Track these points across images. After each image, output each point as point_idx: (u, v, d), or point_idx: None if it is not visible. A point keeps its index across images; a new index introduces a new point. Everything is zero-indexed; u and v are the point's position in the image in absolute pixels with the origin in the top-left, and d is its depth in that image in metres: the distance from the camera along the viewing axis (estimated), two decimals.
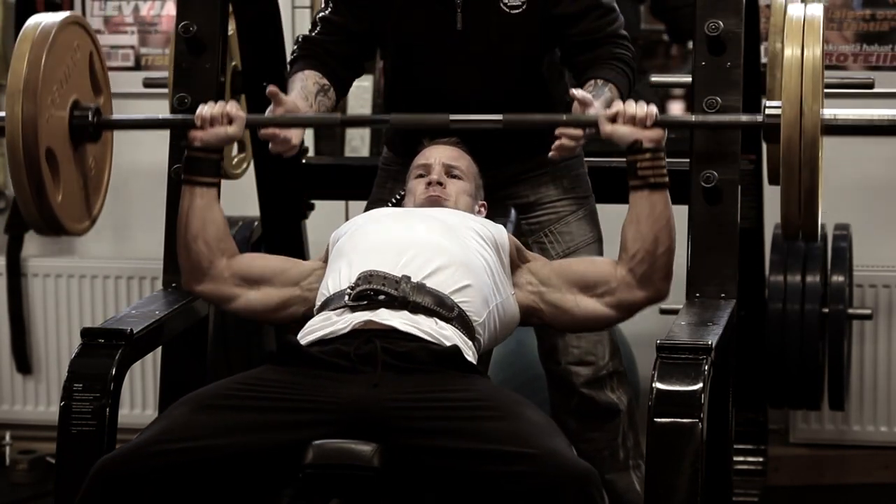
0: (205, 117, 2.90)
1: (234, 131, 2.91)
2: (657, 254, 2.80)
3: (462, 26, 3.07)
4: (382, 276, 2.69)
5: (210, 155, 2.92)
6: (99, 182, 3.02)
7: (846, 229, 4.08)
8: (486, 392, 2.56)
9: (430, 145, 3.08)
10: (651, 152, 2.80)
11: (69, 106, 2.90)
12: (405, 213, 2.95)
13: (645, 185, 2.81)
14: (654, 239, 2.80)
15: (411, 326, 2.63)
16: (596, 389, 3.29)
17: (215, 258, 2.92)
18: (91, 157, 2.98)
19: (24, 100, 2.76)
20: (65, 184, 2.86)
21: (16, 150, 2.76)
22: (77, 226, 2.93)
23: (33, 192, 2.80)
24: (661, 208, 2.81)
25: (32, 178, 2.78)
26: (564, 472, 2.39)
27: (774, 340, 3.95)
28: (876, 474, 4.41)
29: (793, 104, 2.63)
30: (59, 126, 2.85)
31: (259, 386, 2.55)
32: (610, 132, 2.81)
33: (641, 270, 2.81)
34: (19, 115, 2.76)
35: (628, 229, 2.83)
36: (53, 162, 2.83)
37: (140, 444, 2.47)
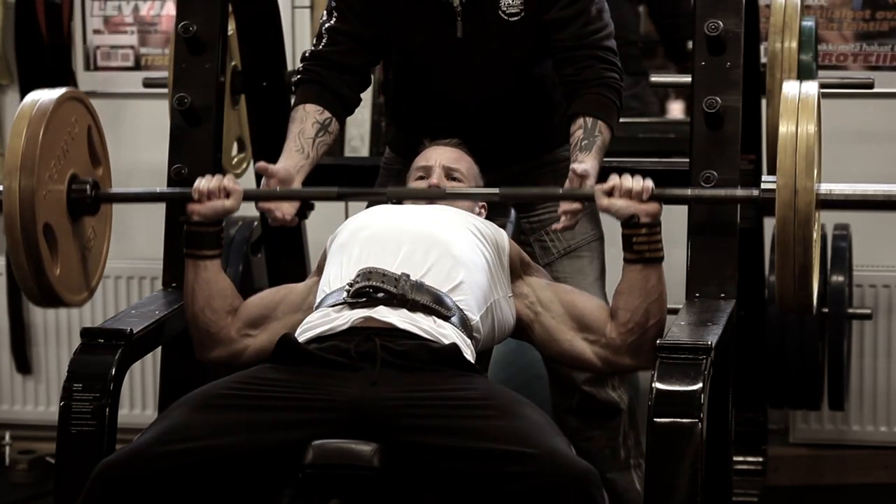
0: (202, 191, 2.88)
1: (231, 205, 2.90)
2: (647, 326, 2.80)
3: (462, 34, 3.08)
4: (381, 273, 2.69)
5: (209, 228, 2.90)
6: (98, 253, 3.00)
7: (846, 229, 4.08)
8: (486, 391, 2.56)
9: (431, 146, 3.07)
10: (647, 227, 2.79)
11: (67, 180, 2.87)
12: (404, 209, 2.94)
13: (640, 259, 2.80)
14: (646, 311, 2.79)
15: (410, 324, 2.63)
16: (597, 388, 3.29)
17: (223, 322, 2.90)
18: (90, 229, 2.96)
19: (22, 176, 2.73)
20: (63, 257, 2.84)
21: (13, 227, 2.74)
22: (75, 297, 2.92)
23: (31, 269, 2.77)
24: (654, 282, 2.80)
25: (30, 255, 2.76)
26: (564, 472, 2.39)
27: (774, 340, 3.95)
28: (875, 474, 4.41)
29: (787, 182, 2.64)
30: (56, 201, 2.83)
31: (258, 385, 2.55)
32: (607, 206, 2.80)
33: (631, 339, 2.81)
34: (16, 193, 2.73)
35: (620, 299, 2.82)
36: (51, 237, 2.81)
37: (140, 446, 2.47)
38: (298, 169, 3.01)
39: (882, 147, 4.36)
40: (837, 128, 3.85)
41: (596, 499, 2.40)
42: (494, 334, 2.85)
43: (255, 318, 2.91)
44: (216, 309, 2.89)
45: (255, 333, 2.90)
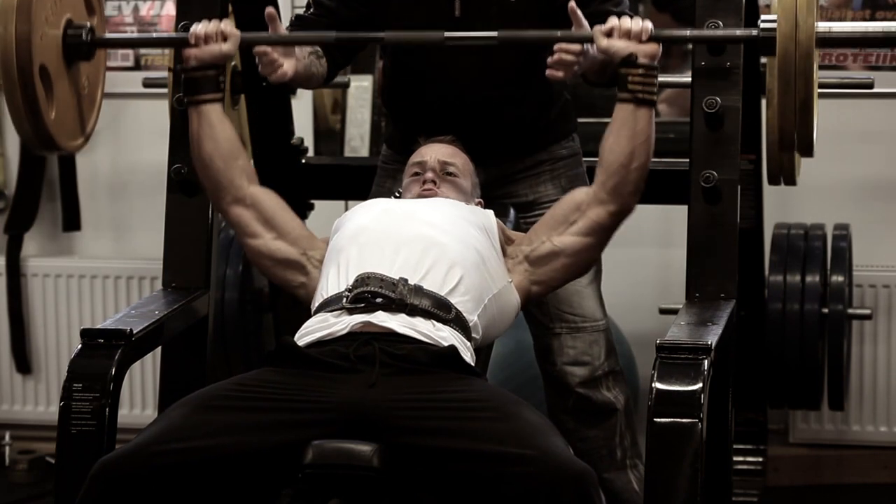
0: (199, 35, 2.89)
1: (228, 48, 2.90)
2: (631, 167, 2.83)
3: (460, 13, 3.07)
4: (380, 278, 2.69)
5: (207, 72, 2.91)
6: (92, 99, 3.02)
7: (846, 229, 4.08)
8: (484, 392, 2.56)
9: (426, 143, 3.08)
10: (644, 68, 2.82)
11: (63, 24, 2.89)
12: (397, 206, 2.94)
13: (632, 98, 2.83)
14: (631, 152, 2.83)
15: (409, 329, 2.63)
16: (592, 389, 3.29)
17: (235, 176, 2.92)
18: (84, 76, 2.98)
19: (18, 17, 2.76)
20: (58, 101, 2.87)
21: (9, 67, 2.76)
22: (71, 142, 2.94)
23: (27, 110, 2.80)
24: (643, 125, 2.83)
25: (26, 96, 2.78)
26: (562, 473, 2.39)
27: (774, 340, 3.95)
28: (875, 474, 4.41)
29: (788, 17, 2.65)
30: (52, 44, 2.85)
31: (258, 387, 2.55)
32: (606, 46, 2.82)
33: (613, 183, 2.83)
34: (13, 33, 2.76)
35: (607, 140, 2.85)
36: (47, 79, 2.83)
37: (139, 445, 2.47)
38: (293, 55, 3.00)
39: (882, 147, 4.36)
40: (837, 128, 3.86)
41: (593, 499, 2.40)
42: (493, 329, 2.85)
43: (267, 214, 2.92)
44: (224, 156, 2.91)
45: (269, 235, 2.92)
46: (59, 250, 4.78)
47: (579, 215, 2.87)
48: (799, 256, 3.99)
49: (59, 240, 4.77)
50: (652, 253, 4.38)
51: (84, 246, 4.76)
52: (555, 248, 2.89)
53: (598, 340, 3.30)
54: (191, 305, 3.03)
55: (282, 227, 2.93)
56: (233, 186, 2.93)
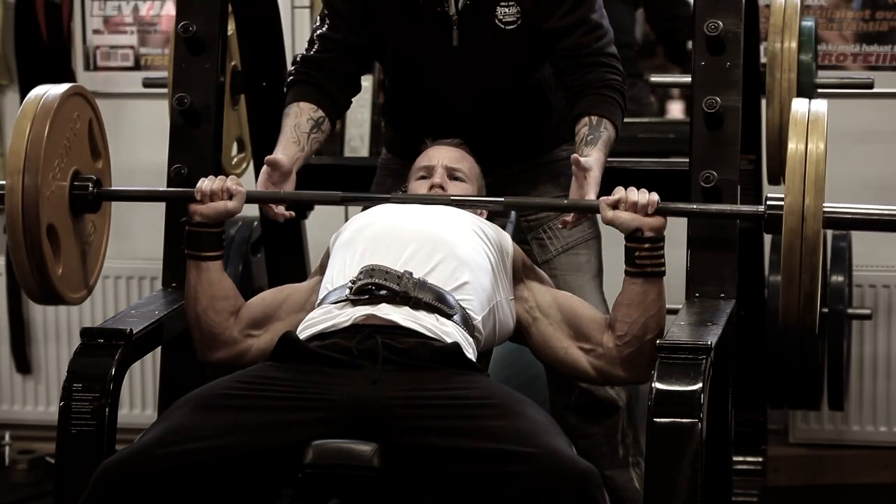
0: (205, 191, 2.87)
1: (233, 206, 2.88)
2: (644, 339, 2.79)
3: (458, 42, 3.08)
4: (384, 270, 2.68)
5: (211, 229, 2.89)
6: (97, 249, 2.99)
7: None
8: (487, 390, 2.56)
9: (433, 146, 3.07)
10: (650, 242, 2.79)
11: (69, 178, 2.85)
12: (409, 208, 2.94)
13: (641, 273, 2.79)
14: (644, 325, 2.79)
15: (412, 322, 2.63)
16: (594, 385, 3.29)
17: (226, 324, 2.89)
18: (90, 224, 2.95)
19: (26, 177, 2.71)
20: (64, 256, 2.83)
21: (16, 229, 2.72)
22: (75, 296, 2.90)
23: (34, 270, 2.75)
24: (654, 297, 2.79)
25: (33, 257, 2.74)
26: (565, 472, 2.38)
27: (774, 340, 3.94)
28: (875, 474, 4.41)
29: (795, 206, 2.63)
30: (59, 199, 2.81)
31: (259, 384, 2.54)
32: (612, 218, 2.80)
33: (627, 352, 2.81)
34: (20, 194, 2.71)
35: (619, 310, 2.82)
36: (54, 237, 2.79)
37: (142, 447, 2.47)
38: (295, 160, 3.02)
39: (882, 147, 4.36)
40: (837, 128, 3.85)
41: (597, 498, 2.39)
42: (495, 335, 2.85)
43: (257, 319, 2.90)
44: (219, 310, 2.89)
45: (258, 334, 2.90)
46: None
47: (594, 350, 2.85)
48: None
49: None
50: None
51: None
52: (564, 352, 2.88)
53: None
54: None
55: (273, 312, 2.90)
56: (223, 334, 2.89)
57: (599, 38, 3.07)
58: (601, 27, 3.08)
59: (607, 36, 3.09)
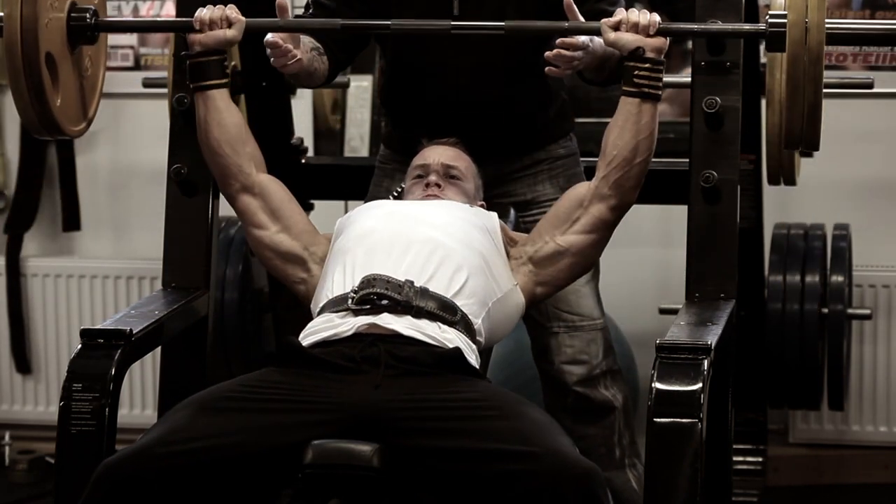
0: (203, 20, 2.88)
1: (233, 34, 2.88)
2: (634, 162, 2.83)
3: (459, 12, 3.07)
4: (386, 279, 2.68)
5: (212, 57, 2.90)
6: (94, 83, 3.00)
7: (846, 229, 4.08)
8: (488, 393, 2.56)
9: (429, 145, 3.07)
10: (651, 62, 2.81)
11: (67, 8, 2.86)
12: (403, 209, 2.94)
13: (638, 93, 2.82)
14: (635, 146, 2.83)
15: (414, 331, 2.63)
16: (589, 387, 3.29)
17: (243, 163, 2.92)
18: (87, 59, 2.96)
19: (24, 4, 2.73)
20: (63, 87, 2.84)
21: (14, 56, 2.74)
22: (74, 127, 2.91)
23: (32, 97, 2.77)
24: (648, 119, 2.83)
25: (32, 84, 2.75)
26: (567, 471, 2.39)
27: (774, 340, 3.95)
28: (875, 474, 4.41)
29: (798, 18, 2.64)
30: (57, 29, 2.82)
31: (262, 388, 2.55)
32: (614, 39, 2.81)
33: (615, 177, 2.83)
34: (18, 21, 2.73)
35: (610, 135, 2.85)
36: (52, 65, 2.80)
37: (143, 447, 2.47)
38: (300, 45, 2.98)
39: (882, 147, 4.36)
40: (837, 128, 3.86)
41: (600, 498, 2.39)
42: (497, 333, 2.85)
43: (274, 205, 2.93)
44: (232, 142, 2.91)
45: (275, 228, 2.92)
46: (59, 250, 4.78)
47: (581, 212, 2.88)
48: (799, 256, 3.99)
49: (59, 240, 4.77)
50: (652, 253, 4.38)
51: (84, 246, 4.76)
52: (559, 248, 2.89)
53: (595, 339, 3.30)
54: (191, 305, 3.03)
55: (287, 219, 2.94)
56: (241, 173, 2.93)
57: (614, 2, 3.06)
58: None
59: (620, 1, 3.07)
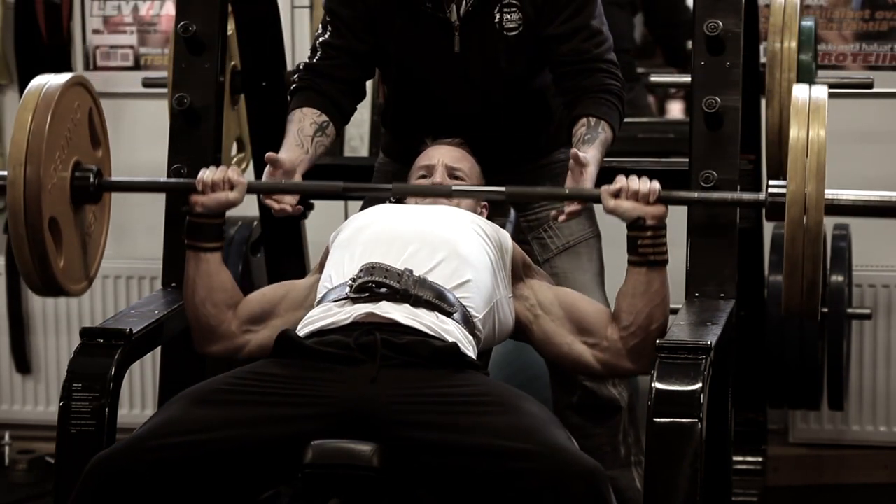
0: (206, 182, 2.87)
1: (235, 197, 2.88)
2: (649, 329, 2.79)
3: (460, 49, 3.08)
4: (385, 268, 2.68)
5: (212, 220, 2.89)
6: (98, 239, 2.99)
7: (846, 229, 4.08)
8: (486, 387, 2.56)
9: (433, 145, 3.08)
10: (653, 230, 2.79)
11: (71, 168, 2.85)
12: (408, 208, 2.95)
13: (644, 262, 2.80)
14: (649, 315, 2.79)
15: (412, 320, 2.63)
16: (598, 383, 3.29)
17: (223, 317, 2.89)
18: (91, 214, 2.95)
19: (28, 169, 2.70)
20: (66, 248, 2.83)
21: (18, 222, 2.72)
22: (76, 287, 2.90)
23: (36, 264, 2.76)
24: (658, 286, 2.80)
25: (36, 250, 2.74)
26: (570, 468, 2.39)
27: (774, 340, 3.94)
28: (875, 474, 4.41)
29: (797, 197, 2.62)
30: (61, 191, 2.81)
31: (257, 380, 2.54)
32: (613, 207, 2.80)
33: (633, 343, 2.81)
34: (21, 187, 2.71)
35: (623, 301, 2.82)
36: (56, 229, 2.79)
37: (135, 439, 2.47)
38: (299, 162, 3.01)
39: (882, 147, 4.36)
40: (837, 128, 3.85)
41: (605, 496, 2.39)
42: (495, 334, 2.85)
43: (256, 315, 2.90)
44: (217, 302, 2.89)
45: (257, 329, 2.90)
46: None
47: (598, 344, 2.84)
48: None
49: None
50: None
51: None
52: (567, 348, 2.87)
53: None
54: None
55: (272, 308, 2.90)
56: (221, 326, 2.90)
57: (599, 44, 3.08)
58: (601, 34, 3.09)
59: (607, 42, 3.09)
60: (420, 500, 2.51)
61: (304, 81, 3.12)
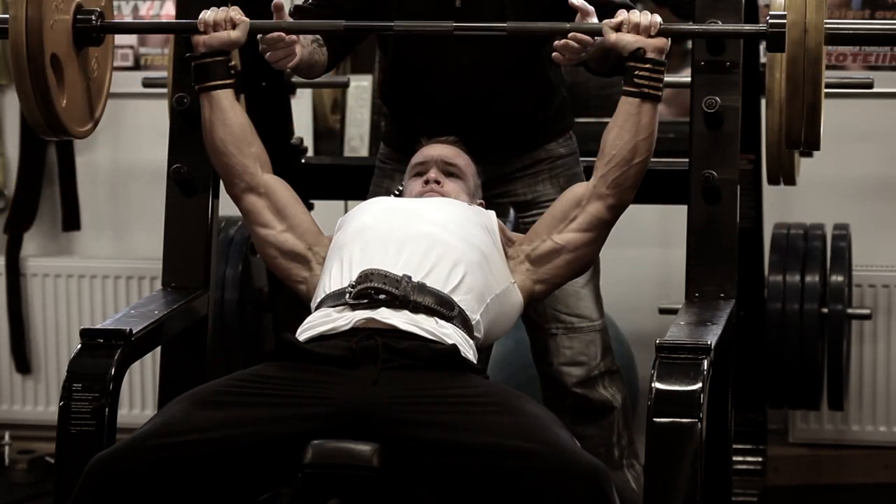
0: (208, 21, 2.89)
1: (237, 35, 2.90)
2: (633, 162, 2.84)
3: (461, 4, 3.07)
4: (383, 274, 2.68)
5: (216, 58, 2.92)
6: (101, 84, 3.00)
7: (845, 229, 4.08)
8: (485, 388, 2.56)
9: (428, 143, 3.08)
10: (652, 63, 2.82)
11: (72, 10, 2.87)
12: (402, 204, 2.95)
13: (638, 93, 2.83)
14: (633, 147, 2.83)
15: (412, 326, 2.63)
16: (588, 388, 3.30)
17: (248, 163, 2.93)
18: (93, 60, 2.96)
19: (29, 6, 2.73)
20: (68, 88, 2.85)
21: (20, 58, 2.74)
22: (80, 128, 2.92)
23: (38, 99, 2.78)
24: (647, 120, 2.83)
25: (37, 85, 2.76)
26: (575, 468, 2.39)
27: (774, 340, 3.95)
28: (875, 474, 4.41)
29: (797, 18, 2.64)
30: (62, 31, 2.83)
31: (258, 382, 2.55)
32: (615, 40, 2.81)
33: (613, 176, 2.84)
34: (23, 23, 2.74)
35: (609, 134, 2.85)
36: (58, 67, 2.81)
37: (135, 440, 2.47)
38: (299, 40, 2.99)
39: (882, 147, 4.36)
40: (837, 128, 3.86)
41: (609, 495, 2.40)
42: (495, 330, 2.85)
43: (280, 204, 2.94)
44: (237, 142, 2.93)
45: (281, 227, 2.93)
46: (59, 250, 4.78)
47: (579, 211, 2.88)
48: (798, 256, 3.98)
49: (59, 239, 4.77)
50: (652, 253, 4.38)
51: (84, 246, 4.76)
52: (556, 246, 2.89)
53: (594, 341, 3.30)
54: (190, 305, 3.03)
55: (292, 219, 2.94)
56: (246, 173, 2.94)
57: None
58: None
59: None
60: (420, 500, 2.51)
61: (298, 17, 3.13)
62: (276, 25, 2.92)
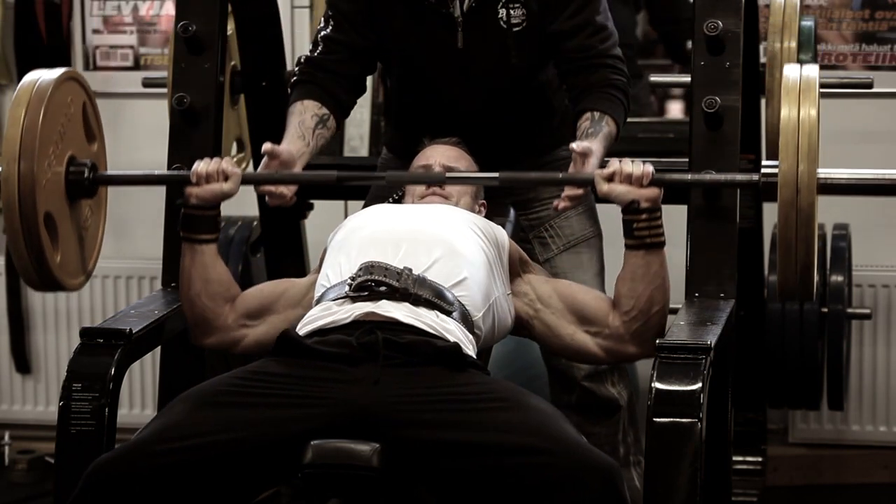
0: (200, 174, 2.86)
1: (229, 188, 2.87)
2: (651, 313, 2.80)
3: (463, 45, 3.08)
4: (384, 267, 2.68)
5: (207, 212, 2.88)
6: (94, 234, 2.98)
7: (845, 229, 4.08)
8: (490, 385, 2.56)
9: (431, 145, 3.08)
10: (648, 213, 2.78)
11: (65, 163, 2.84)
12: (404, 208, 2.95)
13: (641, 245, 2.79)
14: (649, 298, 2.79)
15: (413, 319, 2.63)
16: (597, 383, 3.30)
17: (220, 310, 2.89)
18: (87, 209, 2.94)
19: (22, 165, 2.71)
20: (62, 244, 2.83)
21: (13, 217, 2.72)
22: (73, 282, 2.90)
23: (32, 258, 2.76)
24: (657, 268, 2.80)
25: (31, 246, 2.74)
26: (587, 464, 2.39)
27: (774, 340, 3.94)
28: (875, 474, 4.41)
29: (789, 179, 2.62)
30: (56, 186, 2.81)
31: (259, 381, 2.54)
32: (607, 191, 2.79)
33: (635, 327, 2.81)
34: (16, 183, 2.71)
35: (622, 286, 2.82)
36: (52, 224, 2.79)
37: (138, 443, 2.47)
38: (300, 155, 3.00)
39: (882, 147, 4.36)
40: (837, 128, 3.86)
41: (621, 491, 2.39)
42: (494, 332, 2.85)
43: (253, 310, 2.90)
44: (213, 295, 2.88)
45: (254, 324, 2.90)
46: None
47: (600, 331, 2.84)
48: None
49: None
50: None
51: None
52: (570, 338, 2.87)
53: None
54: None
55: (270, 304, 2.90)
56: (217, 319, 2.89)
57: (604, 39, 3.08)
58: (606, 29, 3.09)
59: (612, 38, 3.09)
60: (420, 500, 2.51)
61: (304, 74, 3.12)
62: (268, 178, 2.91)
